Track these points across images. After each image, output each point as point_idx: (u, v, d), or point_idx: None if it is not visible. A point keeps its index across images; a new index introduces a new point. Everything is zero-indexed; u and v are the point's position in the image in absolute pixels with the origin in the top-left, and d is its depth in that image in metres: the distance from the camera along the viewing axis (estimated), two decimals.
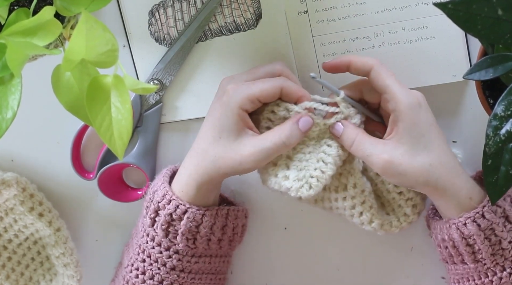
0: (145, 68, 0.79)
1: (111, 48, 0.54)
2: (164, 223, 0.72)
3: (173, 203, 0.71)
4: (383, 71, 0.68)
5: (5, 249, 0.83)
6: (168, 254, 0.73)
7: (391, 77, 0.68)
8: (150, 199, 0.73)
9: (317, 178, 0.69)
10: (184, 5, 0.77)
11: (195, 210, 0.71)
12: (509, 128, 0.56)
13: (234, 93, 0.69)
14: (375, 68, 0.68)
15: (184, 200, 0.71)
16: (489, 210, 0.67)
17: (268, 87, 0.69)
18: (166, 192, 0.72)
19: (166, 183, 0.73)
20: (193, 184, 0.71)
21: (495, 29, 0.55)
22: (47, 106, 0.80)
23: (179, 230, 0.72)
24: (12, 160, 0.83)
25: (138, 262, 0.75)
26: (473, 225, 0.67)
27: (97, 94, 0.55)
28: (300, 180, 0.69)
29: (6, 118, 0.56)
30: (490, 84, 0.71)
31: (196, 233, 0.72)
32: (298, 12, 0.77)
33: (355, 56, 0.70)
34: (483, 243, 0.68)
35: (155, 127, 0.80)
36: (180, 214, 0.71)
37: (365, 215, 0.73)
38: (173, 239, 0.72)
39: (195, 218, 0.71)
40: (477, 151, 0.70)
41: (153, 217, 0.72)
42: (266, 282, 0.85)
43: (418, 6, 0.75)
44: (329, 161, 0.70)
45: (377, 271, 0.83)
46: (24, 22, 0.54)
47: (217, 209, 0.73)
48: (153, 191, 0.73)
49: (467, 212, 0.68)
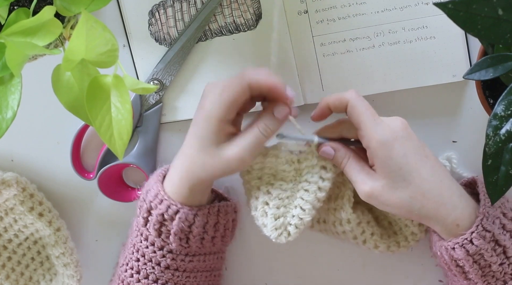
0: (145, 68, 0.79)
1: (111, 48, 0.54)
2: (156, 223, 0.72)
3: (164, 203, 0.71)
4: (357, 106, 0.67)
5: (5, 249, 0.83)
6: (162, 253, 0.73)
7: (365, 112, 0.67)
8: (143, 198, 0.73)
9: (296, 225, 0.70)
10: (184, 5, 0.77)
11: (187, 211, 0.71)
12: (509, 128, 0.56)
13: (210, 107, 0.68)
14: (350, 103, 0.68)
15: (176, 201, 0.71)
16: (477, 236, 0.67)
17: (235, 89, 0.68)
18: (158, 191, 0.72)
19: (159, 182, 0.73)
20: (185, 186, 0.71)
21: (495, 29, 0.55)
22: (47, 106, 0.80)
23: (171, 230, 0.72)
24: (12, 160, 0.83)
25: (132, 261, 0.75)
26: (461, 250, 0.67)
27: (97, 94, 0.55)
28: (279, 229, 0.71)
29: (6, 118, 0.56)
30: (490, 84, 0.71)
31: (189, 233, 0.72)
32: (298, 12, 0.77)
33: (331, 96, 0.70)
34: (472, 267, 0.68)
35: (155, 127, 0.80)
36: (171, 214, 0.71)
37: (369, 242, 0.74)
38: (166, 239, 0.73)
39: (187, 218, 0.71)
40: (477, 151, 0.70)
41: (146, 216, 0.73)
42: (266, 282, 0.85)
43: (418, 6, 0.75)
44: (307, 207, 0.70)
45: (377, 271, 0.83)
46: (24, 22, 0.55)
47: (209, 208, 0.73)
48: (146, 191, 0.73)
49: (455, 237, 0.68)
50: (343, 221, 0.73)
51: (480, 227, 0.67)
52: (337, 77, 0.77)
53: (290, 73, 0.77)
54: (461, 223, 0.68)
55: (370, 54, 0.76)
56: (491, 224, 0.68)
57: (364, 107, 0.67)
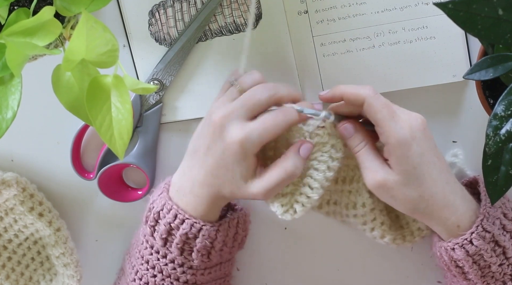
0: (145, 68, 0.79)
1: (111, 48, 0.54)
2: (179, 243, 0.71)
3: (187, 223, 0.70)
4: (375, 104, 0.66)
5: (5, 249, 0.83)
6: (182, 270, 0.73)
7: (383, 110, 0.66)
8: (154, 219, 0.72)
9: (302, 203, 0.70)
10: (184, 6, 0.77)
11: (209, 227, 0.71)
12: (509, 128, 0.56)
13: (247, 143, 0.66)
14: (367, 101, 0.66)
15: (197, 218, 0.71)
16: (477, 236, 0.67)
17: (278, 130, 0.67)
18: (177, 212, 0.71)
19: (171, 201, 0.72)
20: (210, 208, 0.71)
21: (495, 29, 0.55)
22: (47, 106, 0.80)
23: (194, 247, 0.71)
24: (12, 160, 0.83)
25: (148, 277, 0.74)
26: (461, 251, 0.68)
27: (97, 94, 0.55)
28: (285, 206, 0.70)
29: (6, 118, 0.56)
30: (490, 84, 0.71)
31: (211, 248, 0.72)
32: (298, 12, 0.77)
33: (347, 88, 0.68)
34: (471, 267, 0.68)
35: (155, 127, 0.80)
36: (195, 232, 0.71)
37: (377, 231, 0.73)
38: (188, 256, 0.72)
39: (210, 235, 0.71)
40: (477, 151, 0.70)
41: (165, 237, 0.72)
42: (266, 282, 0.85)
43: (418, 6, 0.75)
44: (315, 186, 0.69)
45: (377, 271, 0.83)
46: (24, 22, 0.55)
47: (229, 221, 0.73)
48: (157, 211, 0.72)
49: (455, 237, 0.68)
50: (358, 205, 0.72)
51: (480, 228, 0.67)
52: (337, 77, 0.77)
53: (290, 73, 0.77)
54: (462, 224, 0.68)
55: (370, 54, 0.76)
56: (491, 224, 0.68)
57: (381, 105, 0.66)
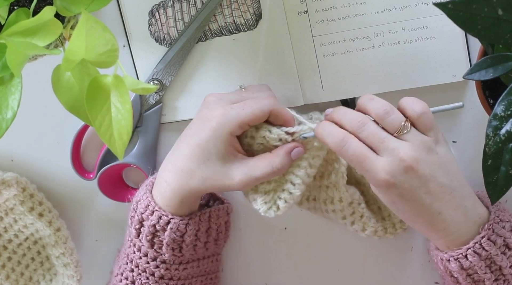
0: (145, 68, 0.79)
1: (111, 48, 0.54)
2: (148, 234, 0.72)
3: (156, 214, 0.71)
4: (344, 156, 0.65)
5: (5, 249, 0.83)
6: (155, 264, 0.73)
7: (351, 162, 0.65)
8: (133, 209, 0.73)
9: (285, 200, 0.70)
10: (184, 6, 0.77)
11: (178, 221, 0.71)
12: (509, 128, 0.56)
13: (224, 119, 0.68)
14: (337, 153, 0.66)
15: (167, 211, 0.71)
16: (473, 253, 0.66)
17: (258, 112, 0.68)
18: (149, 202, 0.71)
19: (149, 193, 0.73)
20: (178, 199, 0.71)
21: (495, 29, 0.55)
22: (47, 106, 0.80)
23: (164, 241, 0.72)
24: (12, 160, 0.83)
25: (127, 271, 0.75)
26: (455, 264, 0.67)
27: (97, 94, 0.55)
28: (268, 203, 0.70)
29: (6, 118, 0.56)
30: (490, 84, 0.71)
31: (182, 242, 0.72)
32: (298, 12, 0.77)
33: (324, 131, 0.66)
34: (465, 280, 0.68)
35: (155, 127, 0.80)
36: (163, 225, 0.71)
37: (357, 224, 0.74)
38: (159, 249, 0.72)
39: (179, 228, 0.71)
40: (477, 151, 0.70)
41: (138, 227, 0.72)
42: (266, 282, 0.85)
43: (418, 6, 0.75)
44: (298, 182, 0.70)
45: (377, 271, 0.83)
46: (24, 22, 0.55)
47: (200, 215, 0.73)
48: (136, 201, 0.73)
49: (451, 250, 0.67)
50: (335, 200, 0.73)
51: (477, 245, 0.66)
52: (337, 77, 0.77)
53: (290, 73, 0.77)
54: (452, 246, 0.67)
55: (370, 54, 0.76)
56: (490, 243, 0.66)
57: (349, 158, 0.64)
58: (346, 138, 0.64)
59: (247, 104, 0.69)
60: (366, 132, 0.64)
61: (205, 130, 0.68)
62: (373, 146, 0.64)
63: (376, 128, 0.64)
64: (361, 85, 0.77)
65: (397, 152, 0.63)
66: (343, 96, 0.78)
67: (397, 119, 0.65)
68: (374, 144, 0.64)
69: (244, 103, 0.69)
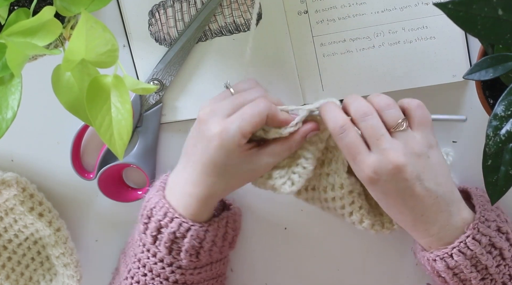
0: (145, 68, 0.79)
1: (111, 48, 0.54)
2: (167, 241, 0.71)
3: (176, 221, 0.70)
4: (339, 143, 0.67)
5: (5, 249, 0.83)
6: (171, 269, 0.73)
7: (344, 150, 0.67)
8: (147, 216, 0.72)
9: (299, 174, 0.71)
10: (184, 6, 0.77)
11: (198, 227, 0.71)
12: (509, 128, 0.56)
13: (227, 135, 0.67)
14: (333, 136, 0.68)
15: (186, 218, 0.71)
16: (458, 252, 0.67)
17: (257, 119, 0.68)
18: (167, 210, 0.71)
19: (164, 199, 0.72)
20: (202, 208, 0.71)
21: (495, 29, 0.55)
22: (47, 106, 0.80)
23: (183, 247, 0.71)
24: (12, 160, 0.83)
25: (139, 275, 0.74)
26: (442, 263, 0.68)
27: (97, 94, 0.55)
28: (282, 177, 0.71)
29: (6, 118, 0.56)
30: (490, 84, 0.70)
31: (200, 248, 0.72)
32: (298, 12, 0.77)
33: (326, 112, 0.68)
34: (452, 279, 0.69)
35: (155, 127, 0.80)
36: (183, 232, 0.71)
37: (355, 215, 0.73)
38: (176, 255, 0.72)
39: (199, 235, 0.71)
40: (477, 151, 0.70)
41: (155, 234, 0.72)
42: (266, 282, 0.85)
43: (418, 6, 0.75)
44: (309, 156, 0.71)
45: (377, 271, 0.83)
46: (24, 22, 0.55)
47: (218, 221, 0.73)
48: (150, 208, 0.72)
49: (437, 250, 0.68)
50: (336, 186, 0.72)
51: (462, 244, 0.67)
52: (337, 77, 0.77)
53: (290, 73, 0.77)
54: (434, 246, 0.68)
55: (370, 54, 0.76)
56: (475, 243, 0.67)
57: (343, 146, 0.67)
58: (345, 126, 0.66)
59: (244, 113, 0.68)
60: (367, 123, 0.66)
61: (212, 149, 0.68)
62: (369, 139, 0.66)
63: (377, 123, 0.66)
64: (361, 85, 0.77)
65: (388, 152, 0.65)
66: (343, 96, 0.77)
67: (396, 114, 0.67)
68: (371, 138, 0.66)
69: (242, 113, 0.68)
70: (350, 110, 0.67)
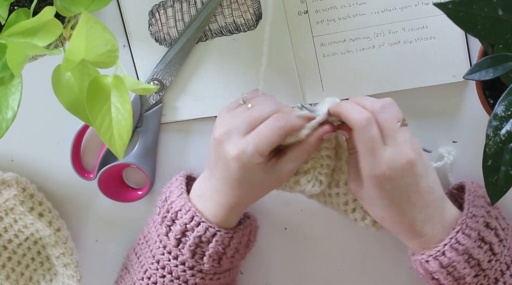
0: (145, 68, 0.79)
1: (111, 48, 0.54)
2: (192, 245, 0.71)
3: (203, 226, 0.70)
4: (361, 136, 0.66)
5: (5, 249, 0.83)
6: (192, 272, 0.73)
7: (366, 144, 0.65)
8: (171, 218, 0.72)
9: (325, 174, 0.72)
10: (184, 6, 0.77)
11: (223, 233, 0.71)
12: (509, 128, 0.56)
13: (245, 157, 0.66)
14: (355, 130, 0.66)
15: (213, 223, 0.71)
16: (450, 248, 0.67)
17: (274, 138, 0.67)
18: (195, 213, 0.71)
19: (190, 202, 0.72)
20: (226, 213, 0.71)
21: (495, 29, 0.55)
22: (47, 106, 0.80)
23: (207, 252, 0.71)
24: (12, 160, 0.83)
25: (156, 276, 0.74)
26: (435, 263, 0.68)
27: (97, 94, 0.55)
28: (311, 181, 0.72)
29: (6, 118, 0.56)
30: (490, 84, 0.71)
31: (223, 254, 0.72)
32: (298, 12, 0.77)
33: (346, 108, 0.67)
34: (446, 279, 0.69)
35: (155, 127, 0.80)
36: (209, 237, 0.71)
37: (358, 212, 0.74)
38: (199, 259, 0.72)
39: (223, 241, 0.71)
40: (477, 151, 0.70)
41: (179, 237, 0.72)
42: (266, 282, 0.85)
43: (418, 6, 0.75)
44: (332, 154, 0.72)
45: (377, 271, 0.83)
46: (24, 23, 0.55)
47: (243, 229, 0.73)
48: (176, 210, 0.72)
49: (429, 249, 0.68)
50: (341, 182, 0.73)
51: (453, 240, 0.67)
52: (337, 77, 0.77)
53: (290, 73, 0.77)
54: (427, 246, 0.69)
55: (370, 54, 0.76)
56: (466, 237, 0.68)
57: (366, 139, 0.66)
58: (371, 119, 0.66)
59: (261, 133, 0.67)
60: (387, 115, 0.66)
61: (233, 170, 0.68)
62: (387, 132, 0.66)
63: (394, 116, 0.66)
64: (361, 85, 0.77)
65: (403, 146, 0.65)
66: (343, 96, 0.77)
67: (399, 112, 0.67)
68: (389, 130, 0.65)
69: (258, 133, 0.67)
70: (365, 106, 0.67)
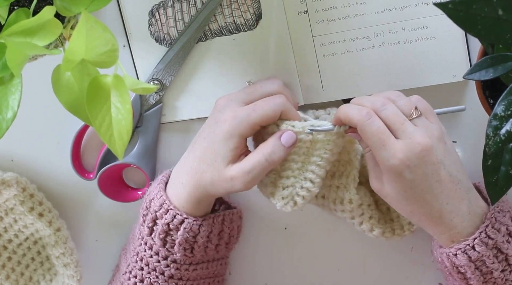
0: (145, 68, 0.79)
1: (111, 48, 0.54)
2: (161, 233, 0.72)
3: (170, 213, 0.71)
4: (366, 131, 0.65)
5: (5, 249, 0.83)
6: (166, 263, 0.73)
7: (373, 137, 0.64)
8: (146, 207, 0.73)
9: (303, 197, 0.71)
10: (184, 6, 0.77)
11: (192, 221, 0.71)
12: (509, 128, 0.56)
13: (235, 121, 0.68)
14: (359, 127, 0.66)
15: (181, 210, 0.71)
16: (480, 242, 0.66)
17: (269, 112, 0.68)
18: (164, 201, 0.72)
19: (163, 191, 0.73)
20: (193, 200, 0.71)
21: (495, 29, 0.55)
22: (47, 106, 0.80)
23: (176, 240, 0.72)
24: (12, 160, 0.83)
25: (136, 269, 0.75)
26: (463, 257, 0.67)
27: (97, 94, 0.55)
28: (285, 198, 0.71)
29: (6, 118, 0.56)
30: (490, 84, 0.71)
31: (194, 243, 0.72)
32: (298, 12, 0.77)
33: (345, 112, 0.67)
34: (473, 273, 0.68)
35: (155, 127, 0.80)
36: (177, 224, 0.71)
37: (365, 225, 0.74)
38: (171, 248, 0.73)
39: (192, 229, 0.71)
40: (477, 151, 0.70)
41: (151, 226, 0.73)
42: (266, 282, 0.85)
43: (418, 6, 0.75)
44: (317, 181, 0.71)
45: (377, 271, 0.83)
46: (24, 22, 0.55)
47: (213, 217, 0.73)
48: (150, 199, 0.73)
49: (457, 243, 0.67)
50: (345, 201, 0.73)
51: (483, 234, 0.67)
52: (337, 77, 0.77)
53: (290, 73, 0.77)
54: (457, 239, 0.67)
55: (370, 54, 0.76)
56: (495, 231, 0.67)
57: (372, 132, 0.65)
58: (371, 113, 0.65)
59: (258, 105, 0.69)
60: (388, 111, 0.65)
61: (216, 132, 0.69)
62: (393, 126, 0.65)
63: (397, 110, 0.66)
64: (361, 85, 0.77)
65: (415, 135, 0.64)
66: (343, 96, 0.78)
67: (408, 103, 0.66)
68: (395, 124, 0.65)
69: (255, 104, 0.69)
70: (365, 104, 0.67)
